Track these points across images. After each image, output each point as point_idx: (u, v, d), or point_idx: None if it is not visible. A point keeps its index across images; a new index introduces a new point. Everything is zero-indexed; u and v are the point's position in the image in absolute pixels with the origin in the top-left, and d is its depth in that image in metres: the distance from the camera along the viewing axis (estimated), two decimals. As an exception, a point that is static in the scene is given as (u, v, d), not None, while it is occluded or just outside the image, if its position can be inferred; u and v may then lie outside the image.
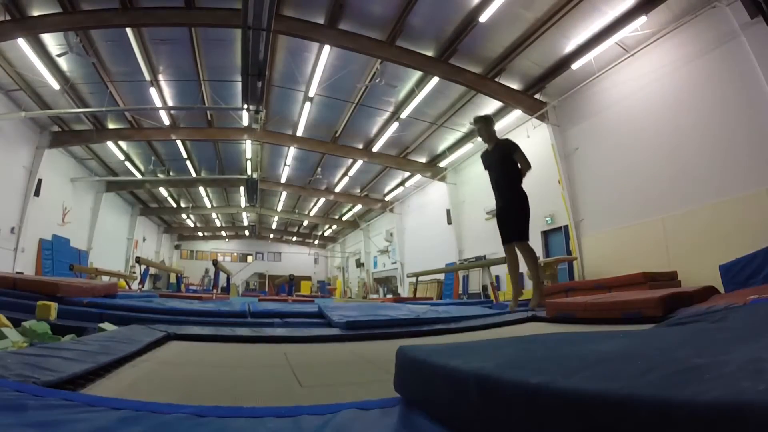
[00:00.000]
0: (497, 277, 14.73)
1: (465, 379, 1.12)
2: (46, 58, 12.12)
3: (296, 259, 41.08)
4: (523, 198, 5.08)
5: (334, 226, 34.50)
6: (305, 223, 35.18)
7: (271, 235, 40.73)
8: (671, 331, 1.82)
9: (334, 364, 3.12)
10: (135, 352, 3.08)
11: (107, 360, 2.54)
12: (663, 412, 0.60)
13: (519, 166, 5.14)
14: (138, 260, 14.37)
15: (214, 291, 16.45)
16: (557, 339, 1.76)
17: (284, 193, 26.81)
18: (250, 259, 43.12)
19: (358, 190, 25.04)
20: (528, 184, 15.78)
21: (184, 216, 33.51)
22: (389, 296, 22.19)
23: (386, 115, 15.73)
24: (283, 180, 23.92)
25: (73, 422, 1.25)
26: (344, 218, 32.01)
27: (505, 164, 5.10)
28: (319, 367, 3.21)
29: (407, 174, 21.33)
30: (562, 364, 1.02)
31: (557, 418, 0.78)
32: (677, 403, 0.59)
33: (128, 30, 11.35)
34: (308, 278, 38.63)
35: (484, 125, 5.38)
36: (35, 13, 10.45)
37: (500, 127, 15.32)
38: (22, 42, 10.95)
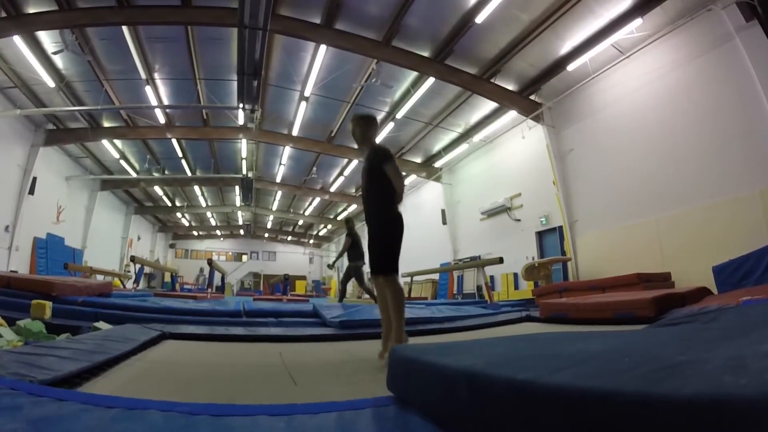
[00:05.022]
0: (492, 277, 14.77)
1: (455, 377, 1.13)
2: (42, 56, 12.03)
3: (291, 259, 41.03)
4: (389, 222, 3.71)
5: (330, 226, 34.44)
6: (300, 222, 35.12)
7: (266, 235, 40.61)
8: (661, 331, 1.84)
9: (328, 363, 3.14)
10: (130, 351, 3.09)
11: (102, 359, 2.54)
12: (644, 406, 0.62)
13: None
14: (133, 259, 14.32)
15: (209, 290, 16.41)
16: (547, 338, 1.78)
17: (279, 193, 26.76)
18: (245, 258, 43.00)
19: (354, 190, 25.02)
20: (524, 184, 15.77)
21: (179, 215, 33.37)
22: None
23: (382, 115, 15.70)
24: (278, 179, 23.85)
25: (67, 420, 1.26)
26: (339, 218, 31.96)
27: (373, 176, 3.91)
28: (314, 366, 3.22)
29: (402, 174, 21.32)
30: (549, 362, 1.04)
31: (543, 412, 0.79)
32: (658, 397, 0.61)
33: (124, 28, 11.28)
34: (303, 278, 38.58)
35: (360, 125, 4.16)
36: (31, 11, 10.36)
37: (496, 128, 15.39)
38: (17, 39, 10.87)
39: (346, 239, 9.06)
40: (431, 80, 12.86)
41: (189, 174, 22.63)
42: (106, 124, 17.00)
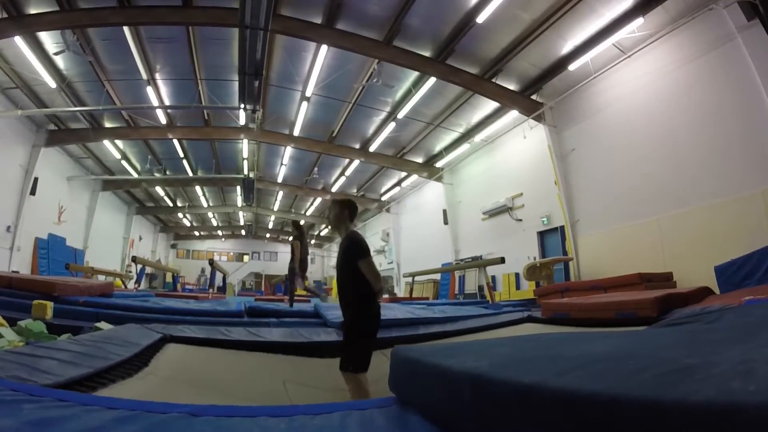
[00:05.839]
0: (493, 277, 14.76)
1: (459, 379, 1.12)
2: (43, 57, 12.03)
3: (293, 259, 40.95)
4: (359, 318, 3.33)
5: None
6: (302, 222, 35.10)
7: (268, 235, 40.63)
8: (664, 332, 1.83)
9: (329, 364, 3.13)
10: (132, 355, 3.08)
11: (104, 365, 2.53)
12: (653, 411, 0.60)
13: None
14: (134, 259, 14.35)
15: (211, 290, 16.41)
16: (550, 339, 1.77)
17: (281, 193, 26.75)
18: (246, 258, 42.97)
19: (355, 190, 25.00)
20: (525, 184, 15.78)
21: (180, 215, 33.39)
22: (385, 296, 22.19)
23: (383, 115, 15.71)
24: (279, 179, 23.84)
25: (68, 421, 1.25)
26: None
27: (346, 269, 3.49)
28: (315, 366, 3.21)
29: (404, 174, 21.31)
30: (554, 364, 1.03)
31: (549, 417, 0.78)
32: (667, 403, 0.60)
33: (125, 28, 11.27)
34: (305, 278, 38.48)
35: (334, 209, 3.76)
36: (32, 11, 10.37)
37: (497, 128, 15.36)
38: (18, 40, 10.87)
39: (295, 243, 8.35)
40: (432, 80, 12.85)
41: (190, 174, 22.64)
42: (108, 124, 17.00)
